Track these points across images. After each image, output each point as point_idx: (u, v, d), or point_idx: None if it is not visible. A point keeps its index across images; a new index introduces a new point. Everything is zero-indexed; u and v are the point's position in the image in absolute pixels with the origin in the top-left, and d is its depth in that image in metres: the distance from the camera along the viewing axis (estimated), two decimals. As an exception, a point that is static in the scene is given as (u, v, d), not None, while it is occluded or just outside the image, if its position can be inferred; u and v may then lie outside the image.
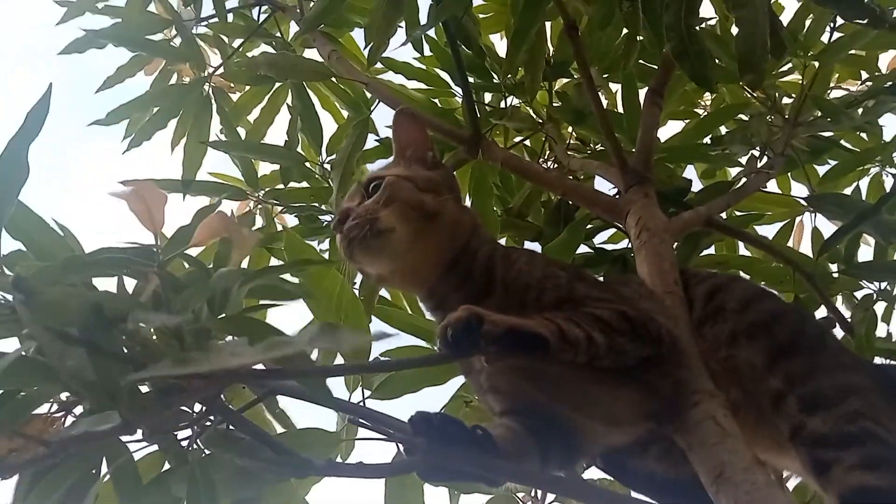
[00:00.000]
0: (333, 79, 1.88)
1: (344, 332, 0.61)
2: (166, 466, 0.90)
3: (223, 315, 0.76)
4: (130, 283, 0.73)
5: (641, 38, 1.47)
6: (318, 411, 1.07)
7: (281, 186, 2.05)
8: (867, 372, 1.08)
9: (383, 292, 1.91)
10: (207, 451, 0.86)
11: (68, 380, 0.63)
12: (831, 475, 0.91)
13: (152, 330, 0.72)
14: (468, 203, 1.47)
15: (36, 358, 0.65)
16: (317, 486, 1.34)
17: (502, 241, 1.98)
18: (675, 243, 1.75)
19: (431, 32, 1.86)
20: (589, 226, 1.81)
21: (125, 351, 0.68)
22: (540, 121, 1.95)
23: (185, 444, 0.85)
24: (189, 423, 0.81)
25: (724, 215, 2.00)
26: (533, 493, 1.49)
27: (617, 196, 1.51)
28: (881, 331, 1.80)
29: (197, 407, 0.80)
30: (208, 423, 0.84)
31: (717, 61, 1.54)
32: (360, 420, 1.04)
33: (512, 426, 0.98)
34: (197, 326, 0.76)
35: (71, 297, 0.62)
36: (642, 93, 1.69)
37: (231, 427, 0.85)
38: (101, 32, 1.95)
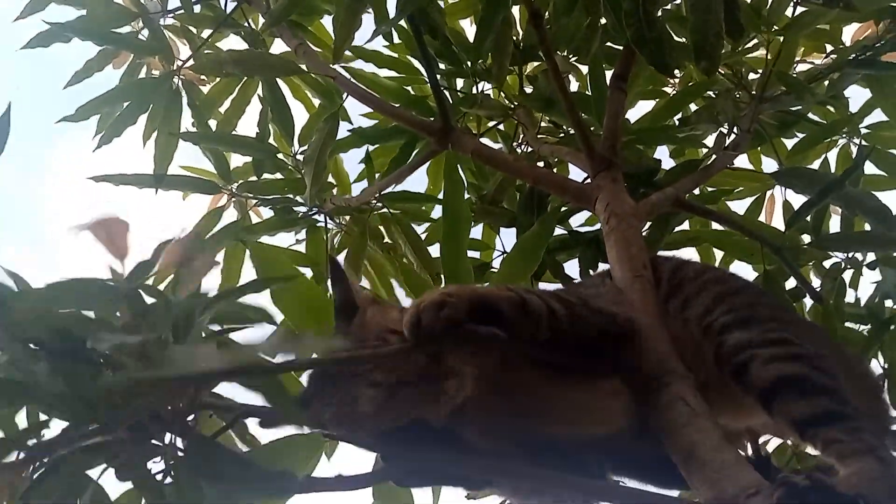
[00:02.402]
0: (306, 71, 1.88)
1: (306, 338, 0.62)
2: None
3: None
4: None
5: (605, 21, 1.47)
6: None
7: (254, 178, 2.05)
8: (816, 330, 1.17)
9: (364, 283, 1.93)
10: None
11: (41, 393, 0.64)
12: (750, 372, 0.97)
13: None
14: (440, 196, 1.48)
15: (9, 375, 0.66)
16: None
17: (478, 230, 2.02)
18: (648, 223, 1.79)
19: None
20: (564, 208, 1.84)
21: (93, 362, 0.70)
22: (512, 106, 1.96)
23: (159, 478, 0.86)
24: (160, 453, 0.82)
25: (697, 190, 2.04)
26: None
27: (586, 182, 1.53)
28: (850, 298, 1.85)
29: (167, 438, 0.81)
30: (181, 454, 0.85)
31: (683, 41, 1.56)
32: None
33: None
34: (163, 353, 0.77)
35: (40, 316, 0.63)
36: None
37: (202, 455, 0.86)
38: (66, 26, 1.92)
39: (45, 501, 0.65)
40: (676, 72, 2.16)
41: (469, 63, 1.80)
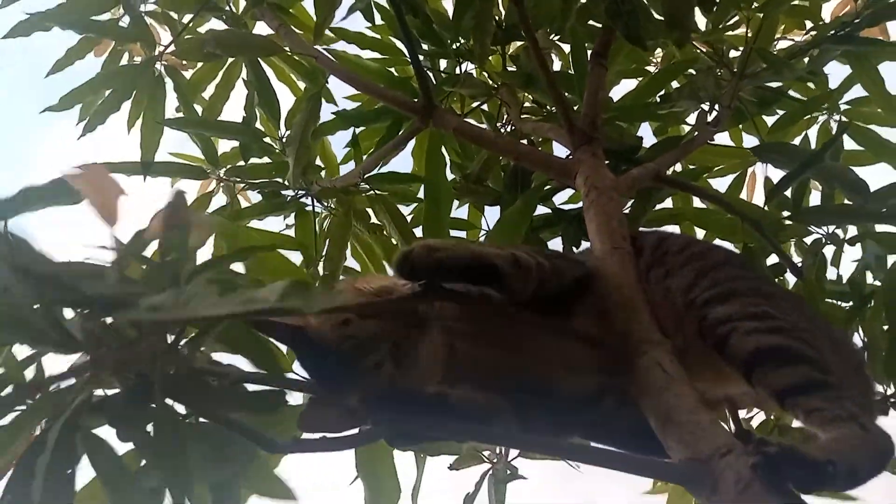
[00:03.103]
0: (289, 52, 1.88)
1: (315, 292, 0.64)
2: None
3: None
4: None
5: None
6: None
7: (242, 163, 2.05)
8: (799, 300, 1.18)
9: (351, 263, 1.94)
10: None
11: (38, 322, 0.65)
12: (731, 344, 0.99)
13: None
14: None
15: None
16: (287, 459, 1.40)
17: (463, 210, 2.03)
18: (631, 200, 1.81)
19: (382, 0, 1.86)
20: (548, 187, 1.85)
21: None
22: (495, 85, 1.97)
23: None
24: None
25: (680, 167, 2.06)
26: (498, 451, 1.55)
27: (570, 158, 1.55)
28: (832, 274, 1.87)
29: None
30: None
31: (657, 17, 1.57)
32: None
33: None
34: (154, 321, 0.79)
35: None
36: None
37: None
38: (46, 15, 1.91)
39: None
40: (659, 51, 2.19)
41: (451, 43, 1.81)
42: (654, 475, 0.96)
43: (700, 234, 2.00)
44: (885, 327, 1.43)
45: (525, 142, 1.89)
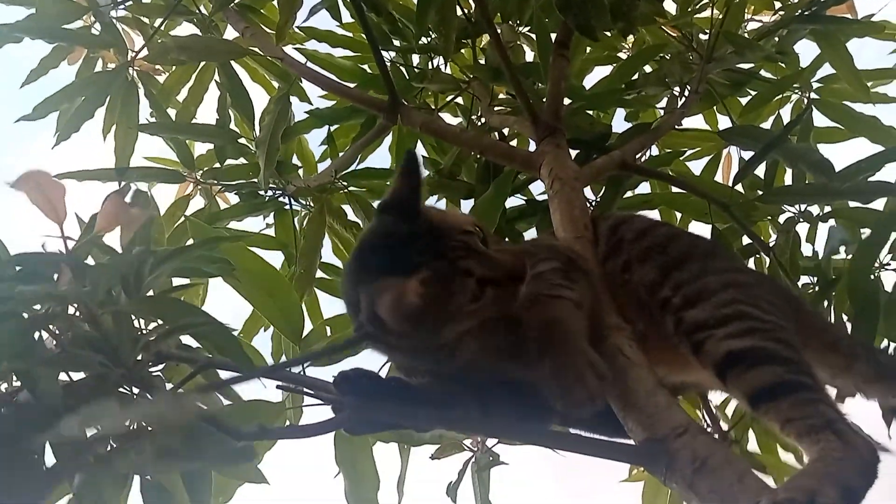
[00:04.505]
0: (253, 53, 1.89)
1: None
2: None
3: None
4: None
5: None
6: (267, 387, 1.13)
7: (218, 165, 2.06)
8: (771, 284, 1.17)
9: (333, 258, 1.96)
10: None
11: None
12: (705, 350, 0.98)
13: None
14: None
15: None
16: (270, 454, 1.42)
17: (442, 203, 2.04)
18: (602, 188, 1.82)
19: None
20: (523, 177, 1.87)
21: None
22: (466, 79, 1.98)
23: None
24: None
25: (657, 151, 2.07)
26: (480, 439, 1.58)
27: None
28: (808, 252, 1.89)
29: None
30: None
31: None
32: (293, 385, 1.09)
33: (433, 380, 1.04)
34: (113, 309, 0.81)
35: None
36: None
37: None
38: (16, 26, 1.91)
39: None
40: (631, 37, 2.20)
41: (417, 38, 1.81)
42: (616, 457, 0.97)
43: (677, 217, 2.03)
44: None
45: (497, 135, 1.90)
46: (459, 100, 2.13)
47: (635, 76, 1.85)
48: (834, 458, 0.80)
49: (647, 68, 2.01)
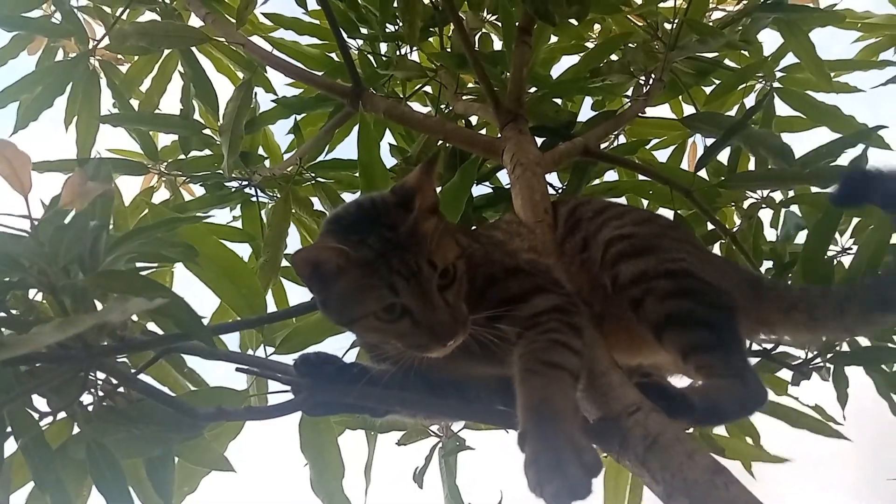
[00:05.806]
0: (223, 41, 1.86)
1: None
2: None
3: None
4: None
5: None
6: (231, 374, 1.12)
7: (182, 156, 2.04)
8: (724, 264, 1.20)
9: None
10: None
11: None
12: (645, 308, 1.03)
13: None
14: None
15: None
16: (234, 442, 1.41)
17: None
18: (568, 176, 1.83)
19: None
20: (490, 165, 1.87)
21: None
22: (434, 67, 1.97)
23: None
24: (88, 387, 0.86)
25: (624, 139, 2.08)
26: (445, 425, 1.58)
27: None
28: (771, 236, 1.91)
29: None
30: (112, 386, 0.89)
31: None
32: (253, 369, 1.08)
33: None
34: (70, 283, 0.80)
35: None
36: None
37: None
38: (-27, 14, 1.88)
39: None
40: (597, 27, 2.21)
41: (382, 26, 1.80)
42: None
43: (643, 204, 2.04)
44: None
45: (464, 123, 1.90)
46: (428, 88, 2.13)
47: (601, 65, 1.85)
48: (722, 389, 0.95)
49: (614, 57, 2.02)
